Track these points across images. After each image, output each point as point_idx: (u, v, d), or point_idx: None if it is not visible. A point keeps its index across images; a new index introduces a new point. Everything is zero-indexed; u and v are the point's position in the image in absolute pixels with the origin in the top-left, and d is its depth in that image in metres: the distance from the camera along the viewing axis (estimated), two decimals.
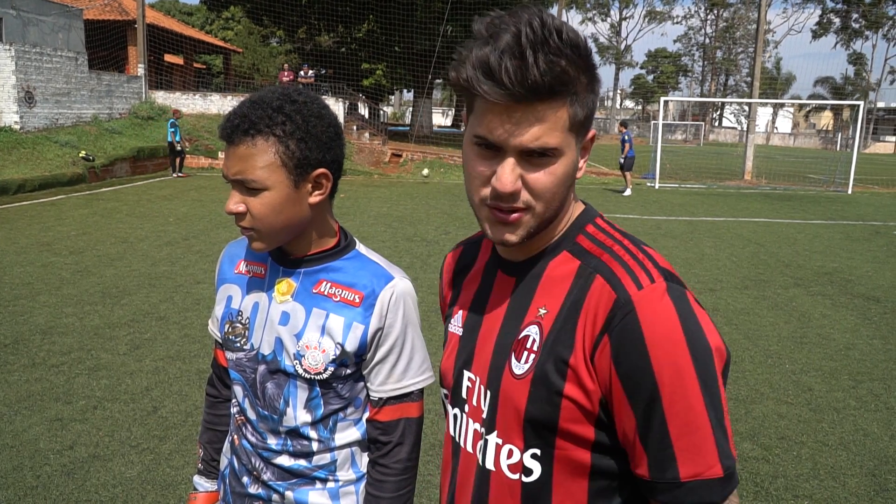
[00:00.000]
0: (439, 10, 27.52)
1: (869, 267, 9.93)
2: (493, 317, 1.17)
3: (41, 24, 19.47)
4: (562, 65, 0.94)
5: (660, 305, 0.97)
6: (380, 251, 9.75)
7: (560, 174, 1.03)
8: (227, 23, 47.73)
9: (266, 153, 1.35)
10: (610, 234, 1.12)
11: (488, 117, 0.99)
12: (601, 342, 0.99)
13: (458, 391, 1.21)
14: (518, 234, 1.06)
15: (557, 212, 1.08)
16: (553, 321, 1.06)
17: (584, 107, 1.02)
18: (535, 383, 1.05)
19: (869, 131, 69.66)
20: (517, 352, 1.09)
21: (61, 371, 5.07)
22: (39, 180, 15.11)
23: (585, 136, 1.08)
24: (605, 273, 1.03)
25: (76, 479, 3.64)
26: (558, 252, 1.12)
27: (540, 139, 0.98)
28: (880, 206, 18.76)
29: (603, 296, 1.01)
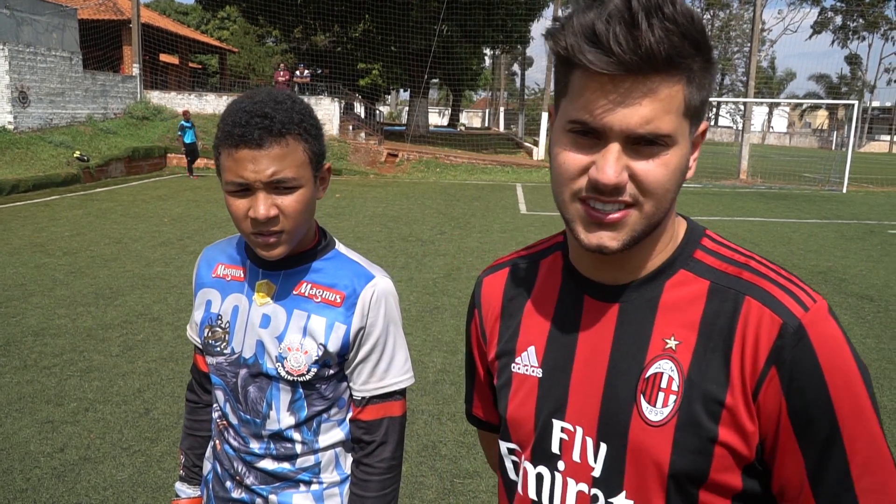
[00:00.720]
0: (435, 10, 27.51)
1: (863, 266, 9.94)
2: (593, 352, 0.98)
3: (35, 24, 19.41)
4: (676, 33, 0.80)
5: (828, 329, 0.86)
6: (375, 251, 9.78)
7: (673, 167, 0.87)
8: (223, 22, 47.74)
9: (297, 151, 1.35)
10: (734, 249, 0.97)
11: (588, 95, 0.84)
12: (767, 375, 0.86)
13: (544, 445, 1.01)
14: (620, 237, 0.89)
15: (665, 216, 0.92)
16: (692, 353, 0.90)
17: (700, 90, 0.87)
18: (680, 430, 0.89)
19: (864, 130, 69.87)
20: (648, 393, 0.92)
21: (53, 373, 5.05)
22: (33, 181, 15.08)
23: (698, 129, 0.93)
24: (756, 294, 0.89)
25: (66, 481, 3.62)
26: (674, 271, 0.96)
27: (651, 122, 0.83)
28: (875, 205, 18.80)
29: (763, 321, 0.87)
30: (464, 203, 16.00)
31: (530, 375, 1.04)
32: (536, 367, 1.03)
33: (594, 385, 0.96)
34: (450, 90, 48.64)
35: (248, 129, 1.30)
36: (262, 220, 1.33)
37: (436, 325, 6.41)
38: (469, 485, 3.71)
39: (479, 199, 16.90)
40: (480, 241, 11.06)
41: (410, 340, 5.95)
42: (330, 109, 24.36)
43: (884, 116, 74.29)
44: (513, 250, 1.18)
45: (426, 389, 4.93)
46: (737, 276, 0.92)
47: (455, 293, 7.61)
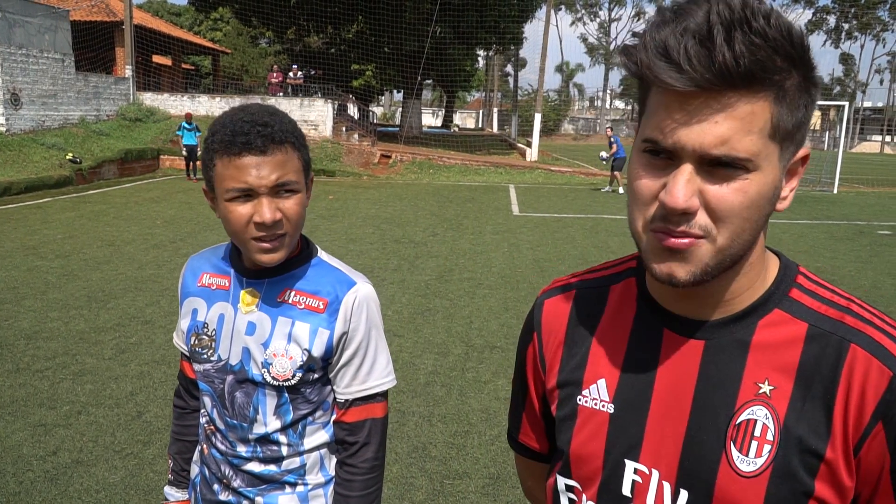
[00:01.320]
0: (428, 11, 27.55)
1: (852, 267, 10.03)
2: (673, 391, 0.91)
3: (27, 26, 19.37)
4: (763, 48, 0.74)
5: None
6: (368, 253, 9.82)
7: (753, 194, 0.79)
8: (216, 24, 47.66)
9: (294, 158, 1.43)
10: (832, 290, 0.91)
11: (662, 115, 0.79)
12: (873, 430, 0.81)
13: (611, 486, 0.95)
14: (688, 268, 0.82)
15: (745, 249, 0.84)
16: (789, 400, 0.85)
17: (794, 111, 0.79)
18: (773, 483, 0.84)
19: (856, 131, 70.20)
20: (739, 441, 0.86)
21: (45, 376, 5.07)
22: (25, 183, 15.06)
23: (795, 154, 0.84)
24: (862, 341, 0.83)
25: (59, 484, 3.65)
26: (768, 310, 0.89)
27: (727, 143, 0.76)
28: (865, 205, 18.92)
29: (871, 372, 0.82)
30: (457, 204, 16.05)
31: (600, 410, 0.97)
32: (608, 401, 0.96)
33: (675, 426, 0.90)
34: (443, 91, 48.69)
35: (252, 137, 1.36)
36: (269, 223, 1.38)
37: (427, 328, 6.45)
38: (458, 486, 3.75)
39: (472, 201, 16.95)
40: (473, 242, 11.10)
41: (402, 342, 5.99)
42: (323, 111, 24.38)
43: (875, 117, 74.67)
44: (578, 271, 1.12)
45: (417, 391, 4.97)
46: (839, 321, 0.86)
47: (447, 295, 7.65)
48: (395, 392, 4.88)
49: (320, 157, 22.70)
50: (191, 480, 1.73)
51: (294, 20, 30.75)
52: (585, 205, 17.17)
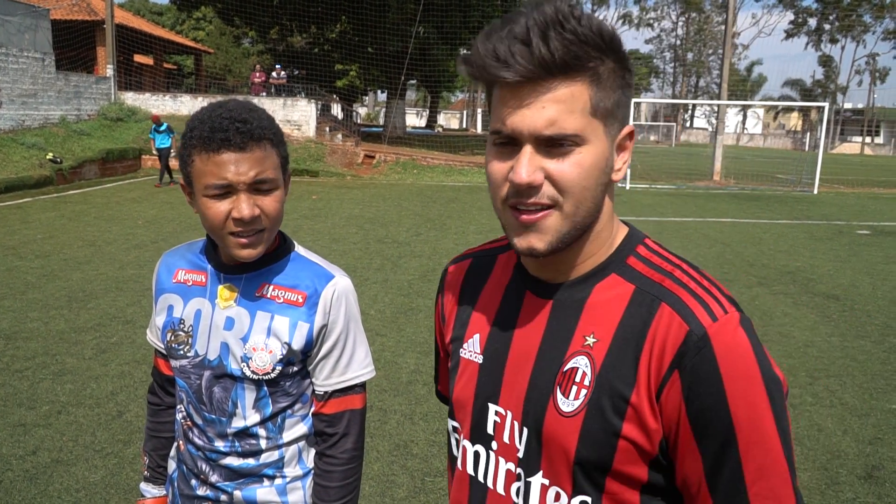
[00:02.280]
0: (412, 12, 27.55)
1: (831, 266, 10.15)
2: (525, 344, 1.05)
3: (7, 25, 19.18)
4: (576, 42, 0.88)
5: (735, 339, 0.90)
6: (351, 252, 9.82)
7: (588, 166, 0.92)
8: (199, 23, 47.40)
9: (273, 155, 1.44)
10: (665, 258, 1.02)
11: (501, 106, 0.93)
12: (670, 378, 0.91)
13: (480, 426, 1.09)
14: (546, 239, 0.95)
15: (592, 216, 0.97)
16: (606, 352, 0.96)
17: (610, 93, 0.93)
18: (587, 422, 0.95)
19: (836, 132, 70.91)
20: (563, 386, 0.98)
21: (25, 376, 5.04)
22: (5, 183, 14.91)
23: (620, 132, 0.98)
24: (671, 301, 0.94)
25: (39, 484, 3.63)
26: (605, 275, 1.01)
27: (555, 123, 0.90)
28: (844, 205, 19.14)
29: (672, 327, 0.92)
30: (440, 204, 16.07)
31: (473, 361, 1.12)
32: (479, 353, 1.11)
33: (523, 374, 1.04)
34: (427, 92, 48.68)
35: (230, 134, 1.37)
36: (248, 219, 1.39)
37: (410, 327, 6.46)
38: (440, 483, 3.77)
39: (455, 201, 16.98)
40: (456, 242, 11.12)
41: (384, 341, 6.00)
42: (307, 111, 24.33)
43: (856, 118, 75.47)
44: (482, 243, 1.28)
45: (399, 390, 4.98)
46: (660, 283, 0.97)
47: (430, 294, 7.66)
48: (378, 390, 4.89)
49: (304, 157, 22.64)
50: (168, 476, 1.73)
51: (277, 20, 30.65)
52: None
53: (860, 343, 6.46)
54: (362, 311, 6.87)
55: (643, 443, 0.93)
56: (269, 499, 1.58)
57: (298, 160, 22.40)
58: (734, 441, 0.89)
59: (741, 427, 0.89)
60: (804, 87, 76.48)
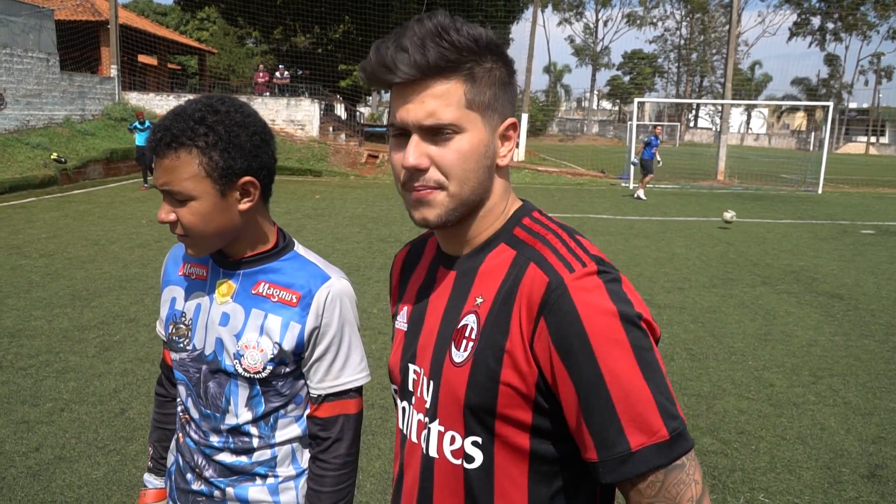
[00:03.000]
0: (414, 11, 27.55)
1: (835, 265, 10.13)
2: (435, 310, 1.20)
3: (11, 25, 19.23)
4: (450, 49, 1.03)
5: (591, 284, 1.01)
6: (354, 252, 9.82)
7: (465, 151, 1.07)
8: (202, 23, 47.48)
9: (190, 165, 1.39)
10: (545, 225, 1.14)
11: (394, 104, 1.08)
12: (538, 326, 1.02)
13: (405, 385, 1.23)
14: (435, 212, 1.09)
15: (478, 194, 1.11)
16: (489, 309, 1.09)
17: (485, 90, 1.08)
18: (473, 370, 1.08)
19: (841, 132, 70.72)
20: (456, 341, 1.12)
21: (29, 374, 5.05)
22: (10, 183, 14.95)
23: (500, 123, 1.12)
24: (537, 260, 1.07)
25: (41, 480, 3.64)
26: (496, 244, 1.15)
27: (434, 114, 1.04)
28: (849, 205, 19.09)
29: (536, 281, 1.04)
30: None
31: (401, 329, 1.29)
32: (405, 322, 1.28)
33: (432, 336, 1.19)
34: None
35: (150, 140, 1.41)
36: (162, 223, 1.44)
37: None
38: None
39: None
40: None
41: (387, 340, 6.01)
42: (310, 111, 24.35)
43: (861, 118, 75.25)
44: None
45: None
46: (532, 246, 1.10)
47: None
48: (380, 388, 4.90)
49: (307, 157, 22.66)
50: (167, 469, 1.74)
51: (281, 20, 30.69)
52: (572, 204, 17.24)
53: (864, 342, 6.44)
54: (365, 310, 6.91)
55: (520, 386, 1.05)
56: (260, 497, 1.58)
57: (302, 160, 22.43)
58: (599, 374, 0.98)
59: (603, 360, 0.98)
60: (809, 87, 76.32)
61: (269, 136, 1.51)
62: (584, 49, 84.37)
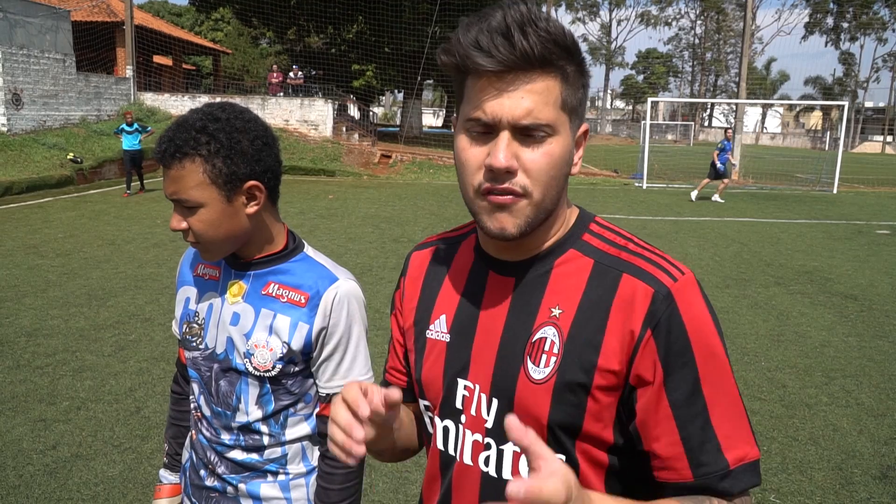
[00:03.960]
0: (427, 12, 27.61)
1: (849, 266, 10.06)
2: (491, 320, 1.10)
3: (28, 26, 19.42)
4: (549, 40, 0.94)
5: (694, 296, 1.00)
6: (367, 252, 9.87)
7: (556, 156, 0.99)
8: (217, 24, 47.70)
9: (194, 173, 1.43)
10: (618, 233, 1.10)
11: (479, 95, 0.97)
12: (643, 338, 0.97)
13: (449, 402, 1.13)
14: (516, 223, 1.00)
15: (555, 203, 1.04)
16: (572, 321, 1.02)
17: (574, 93, 1.00)
18: (558, 387, 1.00)
19: (857, 131, 70.15)
20: (533, 355, 1.04)
21: (46, 372, 5.12)
22: (27, 183, 15.11)
23: (579, 128, 1.05)
24: (632, 270, 1.01)
25: (58, 478, 3.70)
26: (564, 250, 1.08)
27: (532, 113, 0.95)
28: (864, 205, 18.94)
29: (637, 291, 0.99)
30: (456, 204, 16.07)
31: (440, 340, 1.16)
32: (446, 332, 1.15)
33: (490, 348, 1.08)
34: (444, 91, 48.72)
35: (156, 152, 1.44)
36: (175, 230, 1.47)
37: None
38: None
39: None
40: None
41: None
42: (323, 111, 24.43)
43: (877, 117, 74.58)
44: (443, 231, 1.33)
45: None
46: (617, 256, 1.05)
47: None
48: None
49: (320, 157, 22.74)
50: (182, 465, 1.77)
51: (294, 20, 30.79)
52: (585, 203, 17.12)
53: (878, 343, 6.41)
54: (377, 310, 6.93)
55: (609, 403, 1.00)
56: (272, 494, 1.61)
57: (315, 160, 22.51)
58: (700, 390, 0.97)
59: (706, 375, 0.98)
60: (824, 86, 75.73)
61: (272, 140, 1.54)
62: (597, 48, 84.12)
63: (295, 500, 1.62)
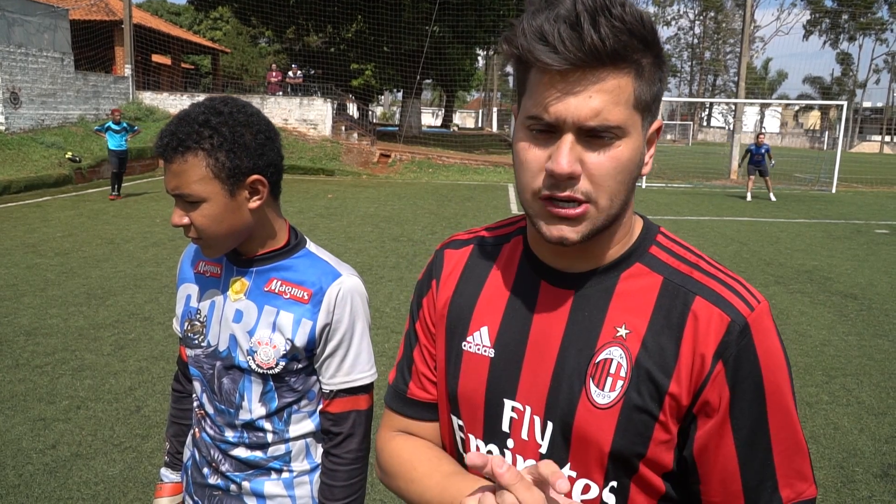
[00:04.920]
0: (427, 11, 27.58)
1: (848, 265, 10.06)
2: (545, 337, 1.00)
3: (26, 25, 19.40)
4: (624, 31, 0.84)
5: (768, 328, 0.93)
6: (366, 251, 9.86)
7: (625, 160, 0.90)
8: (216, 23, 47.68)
9: (197, 168, 1.41)
10: (687, 248, 1.02)
11: (542, 92, 0.88)
12: (715, 369, 0.91)
13: (494, 423, 1.04)
14: (580, 230, 0.92)
15: (622, 209, 0.95)
16: (641, 343, 0.94)
17: (650, 87, 0.90)
18: (625, 413, 0.93)
19: (855, 131, 70.21)
20: (596, 378, 0.95)
21: (45, 372, 5.11)
22: (25, 182, 15.09)
23: (651, 125, 0.95)
24: (706, 294, 0.94)
25: (58, 477, 3.69)
26: (630, 264, 0.99)
27: (600, 114, 0.86)
28: (863, 204, 18.96)
29: (713, 319, 0.92)
30: (455, 203, 16.08)
31: (482, 355, 1.05)
32: (489, 346, 1.04)
33: (545, 367, 0.99)
34: (443, 91, 48.72)
35: (157, 146, 1.43)
36: (176, 226, 1.46)
37: None
38: None
39: (470, 200, 16.98)
40: None
41: (399, 339, 6.03)
42: (322, 110, 24.41)
43: (875, 117, 74.65)
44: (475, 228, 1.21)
45: None
46: (689, 275, 0.97)
47: None
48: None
49: (319, 157, 22.73)
50: (183, 464, 1.76)
51: (293, 19, 30.77)
52: None
53: (878, 342, 6.41)
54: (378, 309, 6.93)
55: (673, 430, 0.94)
56: (276, 492, 1.61)
57: (314, 159, 22.49)
58: (766, 424, 0.92)
59: (773, 411, 0.93)
60: (823, 85, 75.76)
61: (274, 134, 1.53)
62: None
63: (299, 497, 1.61)
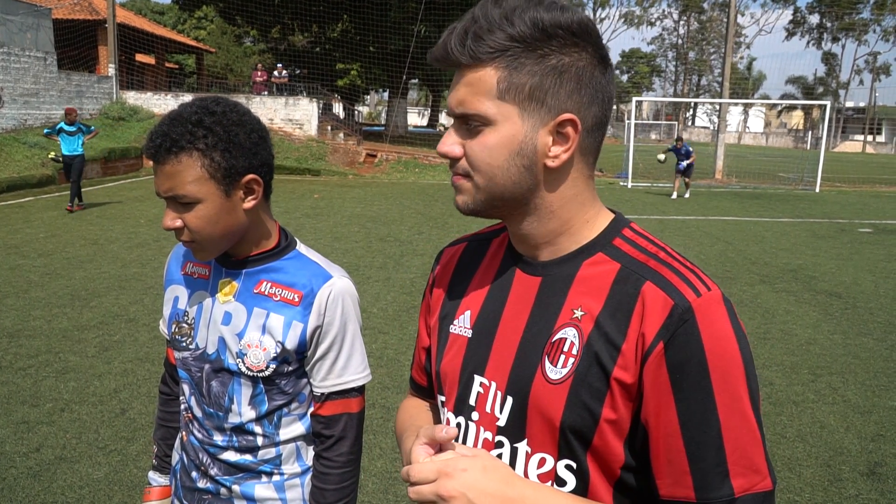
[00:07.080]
0: (413, 10, 27.55)
1: (833, 264, 10.14)
2: (514, 318, 1.09)
3: (8, 24, 19.19)
4: (491, 32, 0.96)
5: (717, 314, 0.94)
6: (353, 251, 9.82)
7: (491, 145, 0.99)
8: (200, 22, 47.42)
9: (192, 168, 1.38)
10: (650, 240, 1.06)
11: None
12: (654, 349, 0.94)
13: (464, 397, 1.12)
14: (464, 200, 1.05)
15: (510, 192, 1.02)
16: (593, 325, 1.00)
17: (529, 77, 0.97)
18: (574, 389, 0.98)
19: (838, 130, 70.83)
20: (551, 355, 1.02)
21: (28, 374, 5.05)
22: (7, 182, 14.94)
23: (551, 118, 1.00)
24: (655, 279, 0.98)
25: (42, 480, 3.64)
26: (592, 253, 1.06)
27: (462, 103, 1.00)
28: (846, 203, 19.12)
29: (657, 301, 0.95)
30: (442, 203, 16.06)
31: (462, 335, 1.15)
32: (469, 328, 1.15)
33: (510, 346, 1.07)
34: (429, 91, 48.67)
35: (148, 147, 1.39)
36: (166, 229, 1.43)
37: (412, 325, 6.46)
38: None
39: None
40: None
41: (387, 339, 6.01)
42: (308, 110, 24.32)
43: (857, 116, 75.36)
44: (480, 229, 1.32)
45: (402, 387, 4.98)
46: (644, 263, 1.01)
47: None
48: (381, 388, 4.90)
49: (305, 157, 22.65)
50: (172, 467, 1.74)
51: (279, 19, 30.66)
52: None
53: (862, 340, 6.45)
54: (365, 310, 6.89)
55: (623, 412, 0.97)
56: (266, 495, 1.59)
57: (300, 159, 22.42)
58: (714, 411, 0.93)
59: (721, 397, 0.92)
60: (806, 85, 76.39)
61: (266, 133, 1.51)
62: None
63: (290, 500, 1.60)
